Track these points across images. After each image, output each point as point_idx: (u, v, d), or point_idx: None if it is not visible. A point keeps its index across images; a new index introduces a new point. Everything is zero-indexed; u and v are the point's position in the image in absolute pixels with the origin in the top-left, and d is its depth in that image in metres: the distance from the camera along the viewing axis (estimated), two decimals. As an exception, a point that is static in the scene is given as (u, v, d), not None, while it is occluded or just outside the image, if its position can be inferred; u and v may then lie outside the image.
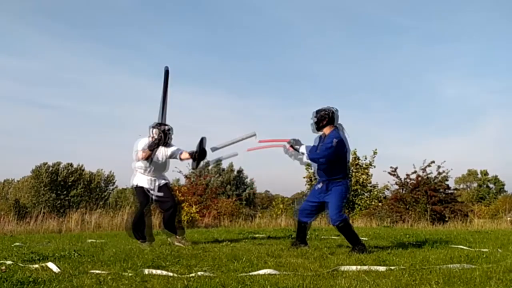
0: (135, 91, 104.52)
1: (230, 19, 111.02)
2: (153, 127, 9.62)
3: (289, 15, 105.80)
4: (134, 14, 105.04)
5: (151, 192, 9.59)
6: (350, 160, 8.92)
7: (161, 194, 9.63)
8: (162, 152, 9.68)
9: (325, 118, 8.52)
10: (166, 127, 9.66)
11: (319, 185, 8.60)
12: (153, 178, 9.71)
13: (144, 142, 9.58)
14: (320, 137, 8.67)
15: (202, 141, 9.44)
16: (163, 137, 9.47)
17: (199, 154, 9.44)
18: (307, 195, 9.18)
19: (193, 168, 10.44)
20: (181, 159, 9.86)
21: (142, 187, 9.68)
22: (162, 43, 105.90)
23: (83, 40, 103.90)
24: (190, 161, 9.77)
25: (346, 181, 8.51)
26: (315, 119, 8.62)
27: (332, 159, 8.25)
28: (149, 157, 9.47)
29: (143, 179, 9.69)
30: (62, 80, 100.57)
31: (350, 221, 8.82)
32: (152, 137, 9.50)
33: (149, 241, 9.66)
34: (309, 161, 8.61)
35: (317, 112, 8.62)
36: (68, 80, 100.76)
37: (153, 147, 9.41)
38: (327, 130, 8.52)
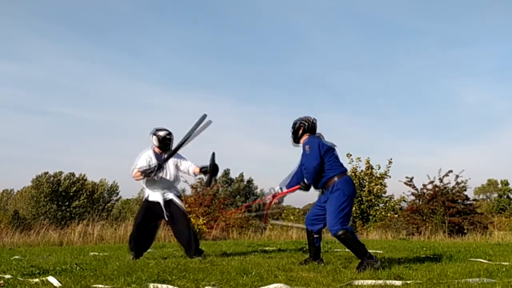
0: (139, 98, 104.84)
1: (238, 23, 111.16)
2: (153, 134, 9.67)
3: (301, 19, 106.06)
4: (135, 18, 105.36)
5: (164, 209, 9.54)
6: (338, 159, 8.34)
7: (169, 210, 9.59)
8: (171, 165, 9.68)
9: (300, 128, 8.39)
10: (165, 133, 9.68)
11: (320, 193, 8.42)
12: (162, 192, 9.65)
13: (146, 156, 9.58)
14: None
15: (213, 156, 9.43)
16: (157, 167, 9.42)
17: (212, 170, 9.42)
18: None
19: (207, 185, 10.37)
20: (194, 174, 9.86)
21: (153, 202, 9.63)
22: (168, 47, 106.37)
23: (85, 45, 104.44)
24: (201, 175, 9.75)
25: (342, 179, 8.04)
26: (292, 130, 8.52)
27: (315, 164, 7.99)
28: (141, 178, 9.47)
29: (155, 193, 9.65)
30: (63, 86, 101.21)
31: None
32: (150, 168, 9.45)
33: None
34: (307, 183, 8.34)
35: (294, 122, 8.50)
36: (70, 86, 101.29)
37: (147, 174, 9.37)
38: (303, 141, 8.38)
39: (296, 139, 8.46)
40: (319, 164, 7.96)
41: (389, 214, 26.31)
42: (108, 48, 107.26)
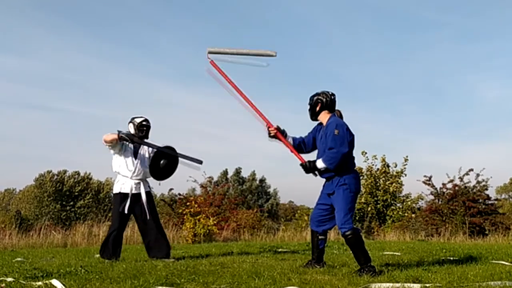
0: (146, 93, 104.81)
1: (249, 15, 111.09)
2: (130, 122, 9.80)
3: (314, 11, 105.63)
4: (142, 9, 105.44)
5: (142, 200, 9.58)
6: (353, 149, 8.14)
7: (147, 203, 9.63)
8: (146, 155, 9.87)
9: (317, 104, 8.17)
10: (141, 119, 9.79)
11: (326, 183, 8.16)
12: (137, 182, 9.72)
13: None
14: (317, 127, 8.38)
15: (166, 150, 9.56)
16: (134, 138, 9.56)
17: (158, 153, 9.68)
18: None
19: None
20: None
21: (125, 194, 9.64)
22: (174, 40, 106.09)
23: (90, 39, 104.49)
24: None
25: (351, 175, 7.94)
26: (309, 106, 8.32)
27: (346, 151, 7.79)
28: (113, 142, 9.53)
29: (126, 184, 9.69)
30: (66, 81, 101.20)
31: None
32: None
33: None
34: (324, 168, 7.95)
35: (311, 97, 8.29)
36: (73, 81, 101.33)
37: (123, 138, 9.46)
38: (322, 118, 8.21)
39: (313, 115, 8.30)
40: (347, 151, 7.81)
41: (406, 214, 26.20)
42: (115, 42, 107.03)
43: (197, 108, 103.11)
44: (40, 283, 6.32)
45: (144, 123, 9.75)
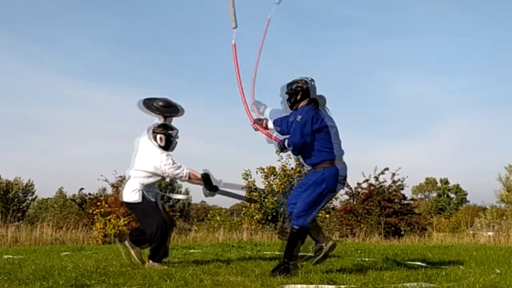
0: (55, 91, 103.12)
1: (162, 11, 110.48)
2: (160, 132, 8.98)
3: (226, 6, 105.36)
4: (52, 5, 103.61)
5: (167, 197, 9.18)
6: (339, 142, 7.87)
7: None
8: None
9: (298, 92, 7.89)
10: (173, 132, 9.12)
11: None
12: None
13: (152, 144, 8.96)
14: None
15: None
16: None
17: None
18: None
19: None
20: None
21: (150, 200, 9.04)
22: (85, 37, 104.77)
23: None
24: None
25: (332, 170, 7.68)
26: (287, 95, 8.02)
27: (304, 140, 7.55)
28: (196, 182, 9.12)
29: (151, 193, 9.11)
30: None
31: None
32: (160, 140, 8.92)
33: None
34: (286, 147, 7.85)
35: (288, 85, 8.00)
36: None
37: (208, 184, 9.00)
38: (300, 106, 7.89)
39: (293, 105, 8.02)
40: (302, 143, 7.54)
41: (320, 214, 26.45)
42: (18, 37, 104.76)
43: (108, 106, 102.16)
44: None
45: (176, 136, 9.17)
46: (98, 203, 20.92)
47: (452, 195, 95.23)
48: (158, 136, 8.88)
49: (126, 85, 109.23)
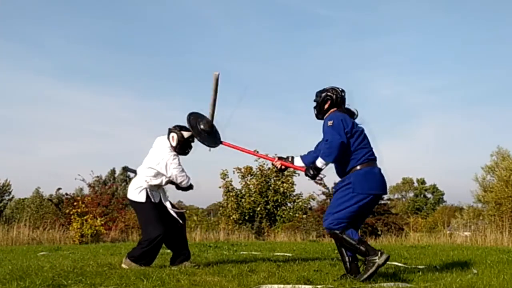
0: (32, 90, 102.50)
1: (135, 10, 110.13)
2: (172, 132, 8.96)
3: (202, 5, 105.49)
4: (29, 4, 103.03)
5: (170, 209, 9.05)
6: (369, 143, 7.56)
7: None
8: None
9: (326, 101, 7.60)
10: (189, 135, 8.96)
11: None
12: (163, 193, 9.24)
13: (168, 144, 8.95)
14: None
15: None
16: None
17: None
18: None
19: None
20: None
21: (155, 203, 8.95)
22: (61, 36, 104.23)
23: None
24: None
25: (359, 172, 7.31)
26: (316, 103, 7.76)
27: (340, 140, 7.12)
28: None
29: (156, 194, 9.06)
30: None
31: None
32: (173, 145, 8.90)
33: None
34: (318, 166, 7.40)
35: (317, 93, 7.75)
36: None
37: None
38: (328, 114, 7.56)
39: (320, 114, 7.71)
40: (341, 141, 7.09)
41: (297, 215, 26.45)
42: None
43: (85, 106, 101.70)
44: None
45: (190, 139, 9.04)
46: (75, 203, 20.87)
47: (429, 195, 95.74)
48: (171, 134, 8.90)
49: (104, 85, 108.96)
